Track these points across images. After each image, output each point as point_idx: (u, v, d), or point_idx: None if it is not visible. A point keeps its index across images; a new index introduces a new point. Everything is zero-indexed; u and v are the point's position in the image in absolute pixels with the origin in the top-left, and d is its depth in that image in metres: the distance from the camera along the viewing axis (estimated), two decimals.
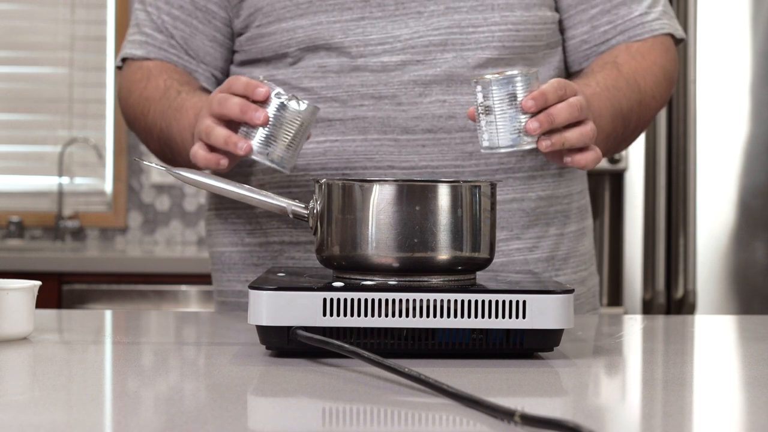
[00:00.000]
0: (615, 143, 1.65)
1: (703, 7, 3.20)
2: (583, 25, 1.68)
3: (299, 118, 1.42)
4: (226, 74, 1.72)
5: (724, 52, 3.21)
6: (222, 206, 1.72)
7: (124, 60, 1.73)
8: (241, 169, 1.68)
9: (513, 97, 1.37)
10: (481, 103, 1.38)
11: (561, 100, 1.39)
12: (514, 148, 1.38)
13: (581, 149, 1.43)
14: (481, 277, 1.32)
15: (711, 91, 3.21)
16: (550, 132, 1.38)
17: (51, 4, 4.23)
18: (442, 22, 1.60)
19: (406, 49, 1.60)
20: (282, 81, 1.63)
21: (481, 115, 1.39)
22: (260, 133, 1.42)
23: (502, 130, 1.38)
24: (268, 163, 1.42)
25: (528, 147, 1.38)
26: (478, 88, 1.38)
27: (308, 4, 1.62)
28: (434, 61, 1.60)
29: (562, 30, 1.70)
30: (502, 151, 1.39)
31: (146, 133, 1.70)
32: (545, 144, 1.38)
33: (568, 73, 1.72)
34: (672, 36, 1.71)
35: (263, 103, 1.42)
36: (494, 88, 1.37)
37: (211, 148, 1.45)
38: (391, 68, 1.60)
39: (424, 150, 1.60)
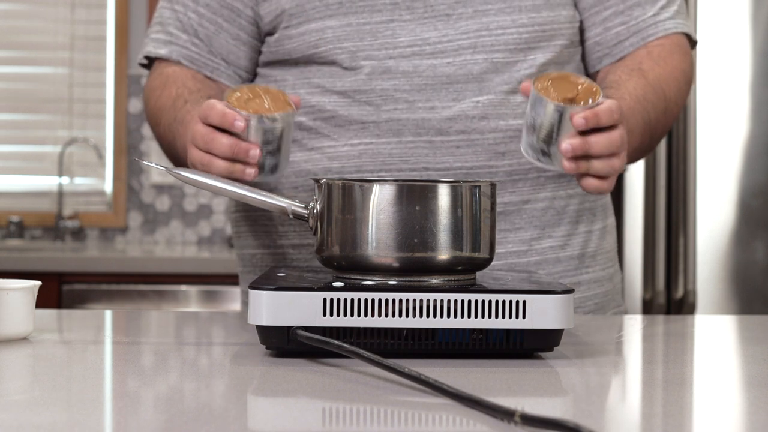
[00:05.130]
0: (639, 154, 1.66)
1: (703, 7, 3.20)
2: (596, 27, 1.69)
3: (284, 130, 1.42)
4: (251, 73, 1.72)
5: (724, 52, 3.21)
6: (251, 208, 1.71)
7: (148, 58, 1.74)
8: None
9: (564, 123, 1.36)
10: (533, 115, 1.38)
11: (613, 123, 1.37)
12: (545, 165, 1.39)
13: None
14: (481, 277, 1.33)
15: (711, 91, 3.21)
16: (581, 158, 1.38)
17: (51, 4, 4.23)
18: (471, 26, 1.61)
19: (436, 53, 1.61)
20: (316, 84, 1.64)
21: (529, 122, 1.38)
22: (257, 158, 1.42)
23: (541, 147, 1.38)
24: (270, 180, 1.44)
25: (557, 168, 1.38)
26: (535, 101, 1.37)
27: (338, 5, 1.62)
28: (465, 64, 1.61)
29: (580, 31, 1.71)
30: (535, 163, 1.39)
31: (160, 141, 1.71)
32: (571, 167, 1.37)
33: (586, 74, 1.72)
34: (687, 36, 1.71)
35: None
36: (549, 109, 1.36)
37: None
38: (422, 71, 1.60)
39: (459, 151, 1.60)
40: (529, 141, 1.39)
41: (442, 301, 1.20)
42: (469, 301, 1.20)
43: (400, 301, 1.20)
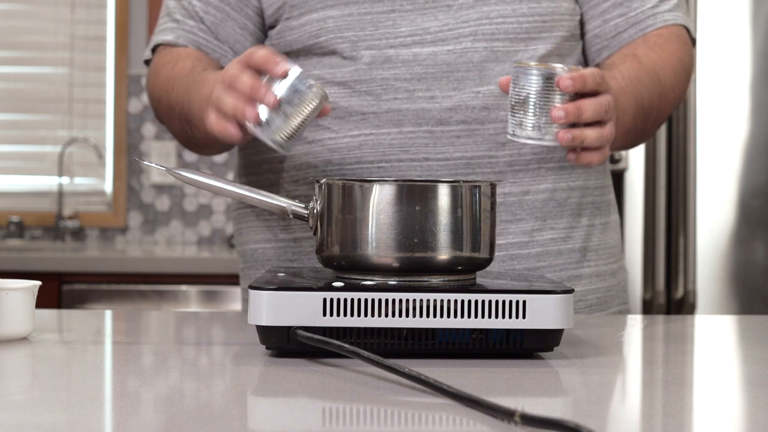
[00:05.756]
0: (635, 137, 1.65)
1: (703, 7, 3.20)
2: (595, 20, 1.69)
3: (313, 103, 1.39)
4: None
5: (724, 52, 3.21)
6: None
7: (154, 50, 1.74)
8: (272, 165, 1.69)
9: (549, 90, 1.36)
10: (517, 90, 1.37)
11: (597, 88, 1.39)
12: (537, 142, 1.37)
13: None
14: (481, 277, 1.32)
15: (711, 91, 3.21)
16: (572, 127, 1.38)
17: (51, 4, 4.23)
18: (471, 15, 1.62)
19: (437, 41, 1.61)
20: (317, 76, 1.64)
21: (514, 101, 1.37)
22: (269, 111, 1.38)
23: (530, 121, 1.37)
24: (270, 143, 1.39)
25: (549, 143, 1.37)
26: (518, 75, 1.37)
27: None
28: (465, 52, 1.61)
29: (580, 24, 1.72)
30: (526, 141, 1.37)
31: (169, 112, 1.67)
32: (567, 137, 1.36)
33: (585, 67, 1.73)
34: (686, 30, 1.71)
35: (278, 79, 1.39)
36: (533, 78, 1.36)
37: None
38: (423, 59, 1.61)
39: (459, 141, 1.61)
40: (517, 120, 1.37)
41: (442, 301, 1.20)
42: (469, 301, 1.20)
43: (400, 301, 1.20)
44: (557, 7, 1.66)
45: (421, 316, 1.20)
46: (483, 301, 1.20)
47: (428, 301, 1.20)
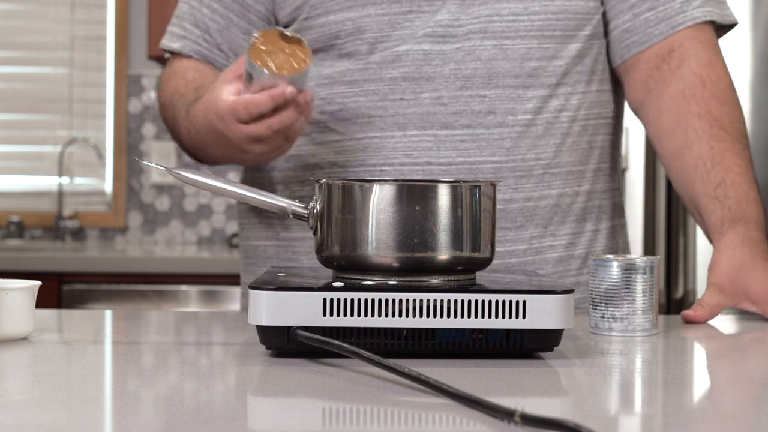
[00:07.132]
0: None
1: None
2: (624, 14, 1.68)
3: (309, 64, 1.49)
4: None
5: (724, 52, 3.21)
6: None
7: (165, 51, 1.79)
8: (278, 164, 1.69)
9: (629, 281, 1.39)
10: (596, 283, 1.39)
11: (712, 316, 1.53)
12: (622, 334, 1.40)
13: None
14: (481, 276, 1.32)
15: None
16: None
17: (51, 4, 4.24)
18: (483, 11, 1.62)
19: (447, 37, 1.61)
20: (326, 75, 1.66)
21: (594, 294, 1.40)
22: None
23: (614, 314, 1.40)
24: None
25: (637, 335, 1.40)
26: (597, 268, 1.39)
27: None
28: (474, 50, 1.61)
29: (604, 23, 1.71)
30: (610, 335, 1.40)
31: (175, 132, 1.73)
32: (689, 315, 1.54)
33: (611, 66, 1.72)
34: (714, 24, 1.70)
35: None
36: (613, 271, 1.38)
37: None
38: (432, 58, 1.61)
39: (463, 146, 1.61)
40: (599, 312, 1.40)
41: (442, 301, 1.20)
42: (469, 301, 1.20)
43: (400, 301, 1.20)
44: (572, 6, 1.65)
45: (421, 316, 1.20)
46: (483, 301, 1.20)
47: (428, 301, 1.20)
